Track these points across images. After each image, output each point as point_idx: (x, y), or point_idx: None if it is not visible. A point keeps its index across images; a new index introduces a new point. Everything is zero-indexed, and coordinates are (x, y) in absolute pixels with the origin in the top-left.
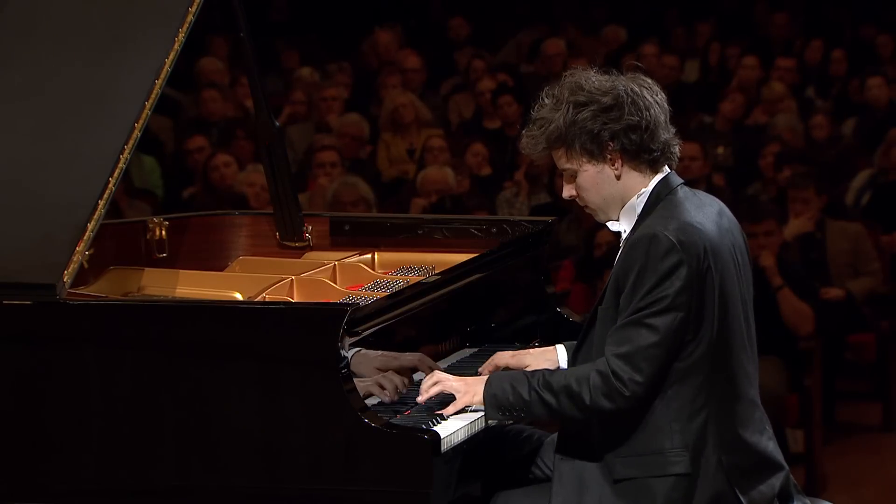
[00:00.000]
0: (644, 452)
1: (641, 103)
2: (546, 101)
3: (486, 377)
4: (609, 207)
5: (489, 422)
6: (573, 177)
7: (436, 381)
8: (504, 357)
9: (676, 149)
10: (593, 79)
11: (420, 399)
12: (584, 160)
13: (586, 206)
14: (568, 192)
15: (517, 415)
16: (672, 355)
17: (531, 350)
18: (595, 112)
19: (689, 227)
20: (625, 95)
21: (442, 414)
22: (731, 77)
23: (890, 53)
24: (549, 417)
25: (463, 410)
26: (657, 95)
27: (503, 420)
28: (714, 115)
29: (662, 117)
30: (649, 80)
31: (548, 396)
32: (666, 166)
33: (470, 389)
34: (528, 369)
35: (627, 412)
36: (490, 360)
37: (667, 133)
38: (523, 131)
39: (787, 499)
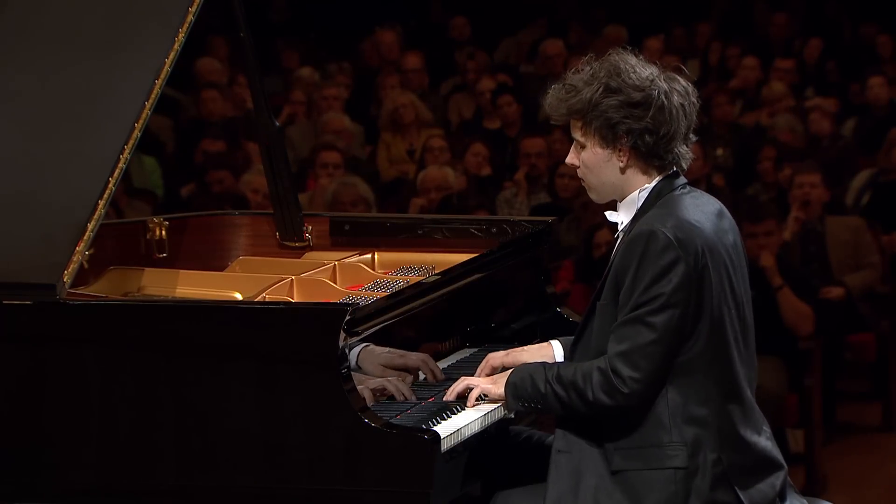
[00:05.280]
0: (643, 445)
1: (668, 111)
2: (585, 68)
3: (510, 371)
4: (604, 191)
5: (510, 411)
6: (581, 149)
7: (464, 382)
8: (497, 357)
9: (688, 160)
10: (634, 69)
11: (447, 397)
12: (595, 141)
13: (582, 180)
14: (571, 160)
15: (535, 406)
16: (671, 352)
17: (526, 347)
18: (621, 103)
19: (686, 224)
20: (655, 98)
21: (445, 413)
22: (731, 77)
23: (890, 53)
24: (562, 411)
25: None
26: (688, 106)
27: (522, 410)
28: (713, 116)
29: (684, 128)
30: (685, 86)
31: (559, 390)
32: (674, 168)
33: (494, 380)
34: None
35: (628, 408)
36: (484, 361)
37: (684, 145)
38: (552, 87)
39: (783, 498)
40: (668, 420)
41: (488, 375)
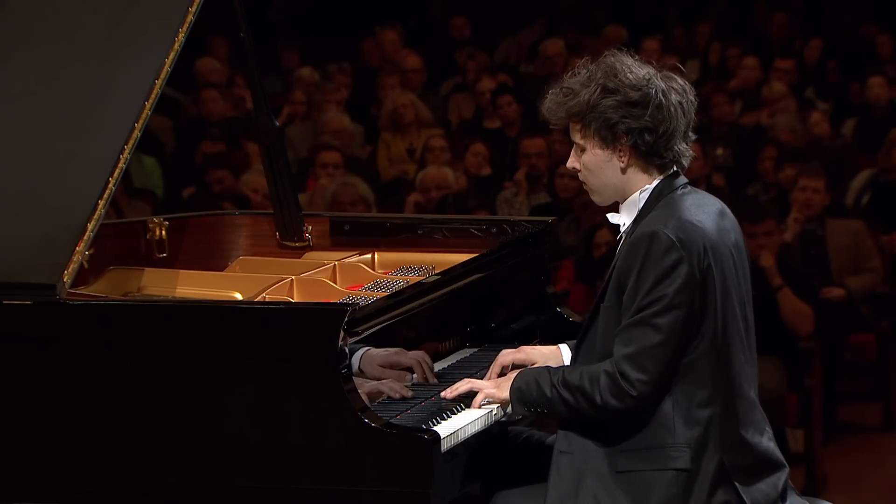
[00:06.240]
0: (647, 447)
1: (666, 109)
2: (582, 71)
3: (514, 374)
4: (605, 192)
5: (514, 416)
6: (581, 151)
7: (468, 383)
8: (508, 355)
9: (688, 159)
10: (631, 69)
11: (447, 395)
12: (595, 143)
13: (584, 183)
14: (572, 163)
15: (540, 410)
16: (677, 353)
17: (540, 348)
18: (619, 103)
19: (688, 225)
20: (653, 96)
21: (445, 413)
22: (731, 77)
23: (890, 53)
24: (568, 415)
25: (469, 407)
26: (686, 104)
27: (527, 415)
28: (713, 116)
29: (683, 126)
30: (683, 84)
31: (566, 394)
32: (674, 167)
33: (498, 384)
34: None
35: (636, 410)
36: (495, 360)
37: (683, 143)
38: (550, 92)
39: (783, 498)
40: (672, 421)
41: (499, 374)
